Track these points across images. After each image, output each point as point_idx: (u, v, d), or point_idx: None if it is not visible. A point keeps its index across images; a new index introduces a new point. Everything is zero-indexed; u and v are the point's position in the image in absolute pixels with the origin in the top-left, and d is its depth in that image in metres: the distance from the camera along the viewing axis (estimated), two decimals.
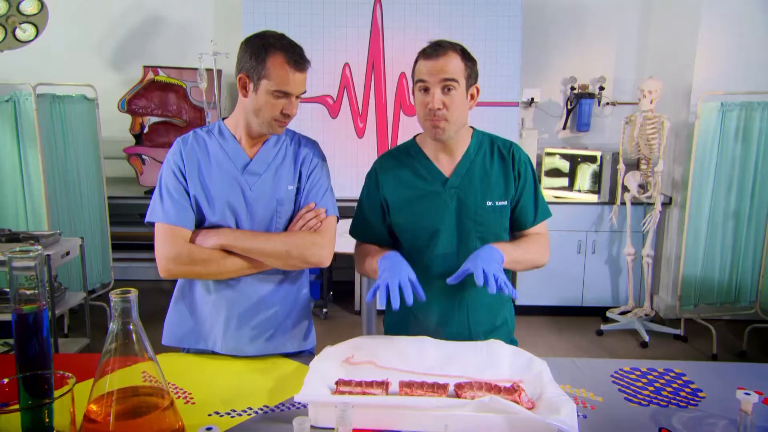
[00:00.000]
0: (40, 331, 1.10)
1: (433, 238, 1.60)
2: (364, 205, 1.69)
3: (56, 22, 3.78)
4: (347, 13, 4.17)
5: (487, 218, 1.59)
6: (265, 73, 1.45)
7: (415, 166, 1.63)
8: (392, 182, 1.63)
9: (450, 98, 1.50)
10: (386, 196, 1.63)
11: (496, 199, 1.59)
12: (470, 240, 1.59)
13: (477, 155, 1.61)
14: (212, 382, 1.43)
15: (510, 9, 4.18)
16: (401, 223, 1.63)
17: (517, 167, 1.61)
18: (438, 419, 1.16)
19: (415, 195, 1.61)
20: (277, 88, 1.45)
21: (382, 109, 4.28)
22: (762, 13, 3.87)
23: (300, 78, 1.48)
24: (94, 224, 4.06)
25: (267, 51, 1.45)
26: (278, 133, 1.54)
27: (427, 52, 1.52)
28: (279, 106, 1.47)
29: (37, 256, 1.09)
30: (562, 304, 4.29)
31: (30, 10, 3.56)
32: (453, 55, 1.50)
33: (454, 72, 1.49)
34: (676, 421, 1.25)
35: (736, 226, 3.82)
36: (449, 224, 1.59)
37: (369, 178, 1.69)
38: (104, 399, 1.02)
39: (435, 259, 1.60)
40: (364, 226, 1.69)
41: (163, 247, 1.48)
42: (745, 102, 3.67)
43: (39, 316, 1.09)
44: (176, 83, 4.41)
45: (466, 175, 1.60)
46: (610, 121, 4.70)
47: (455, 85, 1.49)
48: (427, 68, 1.50)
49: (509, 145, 1.64)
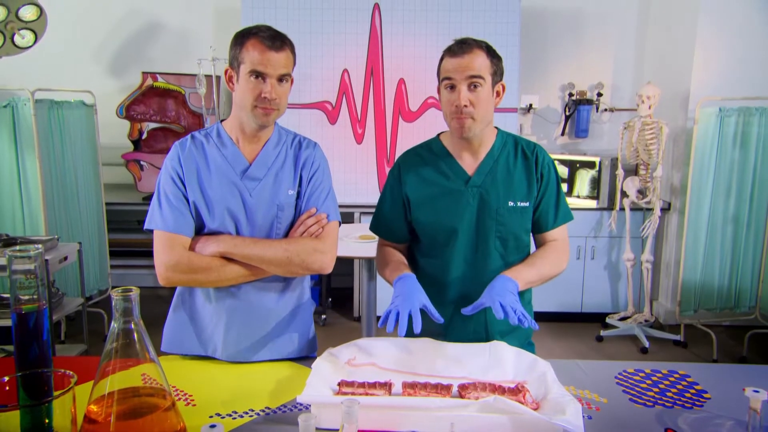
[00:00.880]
0: (40, 331, 1.09)
1: (452, 236, 1.59)
2: (385, 201, 1.68)
3: (55, 28, 3.78)
4: (346, 20, 4.18)
5: (508, 218, 1.58)
6: (242, 58, 1.44)
7: (438, 164, 1.63)
8: (414, 179, 1.63)
9: (476, 95, 1.50)
10: (408, 193, 1.63)
11: (518, 200, 1.59)
12: (490, 239, 1.59)
13: (501, 155, 1.61)
14: (213, 385, 1.41)
15: (508, 15, 4.19)
16: (422, 219, 1.62)
17: (540, 169, 1.61)
18: (442, 420, 1.14)
19: (437, 192, 1.60)
20: (251, 68, 1.43)
21: (381, 115, 4.28)
22: (759, 18, 3.89)
23: (276, 58, 1.43)
24: (92, 230, 4.04)
25: (244, 38, 1.45)
26: (264, 122, 1.49)
27: (453, 50, 1.52)
28: (257, 89, 1.44)
29: (37, 256, 1.08)
30: (561, 309, 4.27)
31: (29, 17, 3.56)
32: (479, 52, 1.50)
33: (480, 69, 1.49)
34: (681, 422, 1.23)
35: (735, 231, 3.82)
36: (470, 222, 1.59)
37: (392, 175, 1.68)
38: (105, 400, 1.00)
39: (454, 257, 1.60)
40: (385, 222, 1.69)
41: (162, 255, 1.45)
42: (742, 107, 3.68)
43: (39, 315, 1.08)
44: (175, 89, 4.41)
45: (489, 174, 1.60)
46: (608, 127, 4.72)
47: (481, 82, 1.49)
48: (453, 65, 1.50)
49: (533, 146, 1.64)
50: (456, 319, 1.60)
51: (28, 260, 1.07)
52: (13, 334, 1.08)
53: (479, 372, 1.38)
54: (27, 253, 1.07)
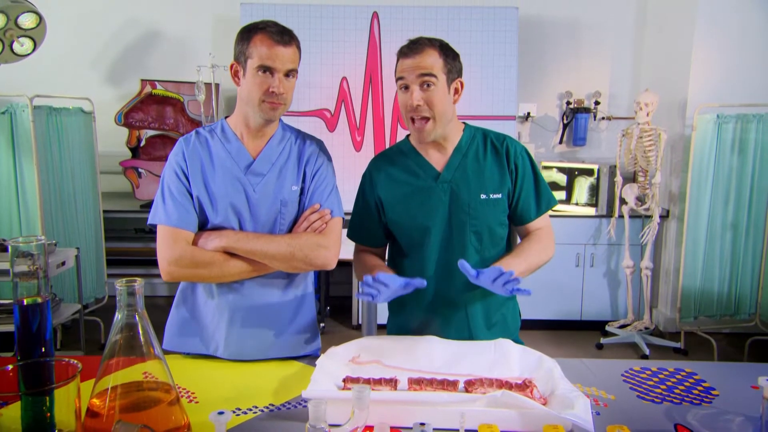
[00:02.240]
0: (43, 324, 1.07)
1: (427, 234, 1.59)
2: (360, 206, 1.69)
3: (54, 35, 3.78)
4: (345, 27, 4.20)
5: (481, 211, 1.57)
6: (249, 53, 1.44)
7: (408, 163, 1.62)
8: (386, 180, 1.63)
9: (429, 94, 1.49)
10: (380, 195, 1.63)
11: (490, 192, 1.57)
12: (465, 234, 1.57)
13: (469, 149, 1.60)
14: (216, 382, 1.39)
15: (506, 24, 4.22)
16: (396, 219, 1.62)
17: (513, 160, 1.59)
18: (450, 415, 1.12)
19: (409, 191, 1.60)
20: (259, 63, 1.43)
21: (380, 123, 4.28)
22: (755, 24, 3.91)
23: (284, 52, 1.44)
24: (89, 238, 4.01)
25: (251, 32, 1.45)
26: (270, 117, 1.48)
27: (404, 51, 1.52)
28: (265, 84, 1.44)
29: (40, 246, 1.06)
30: (560, 317, 4.26)
31: (28, 24, 3.55)
32: (430, 51, 1.50)
33: (432, 67, 1.48)
34: (691, 418, 1.22)
35: (734, 238, 3.82)
36: (443, 219, 1.58)
37: (364, 179, 1.69)
38: (108, 393, 0.98)
39: (430, 254, 1.59)
40: (361, 228, 1.69)
41: (164, 250, 1.45)
42: (740, 114, 3.70)
43: (42, 307, 1.06)
44: (174, 97, 4.41)
45: (458, 168, 1.59)
46: (606, 135, 4.73)
47: (434, 80, 1.48)
48: (405, 66, 1.50)
49: (503, 138, 1.63)
50: (436, 318, 1.60)
51: (29, 258, 1.05)
52: (15, 327, 1.06)
53: (485, 369, 1.36)
54: (29, 243, 1.05)
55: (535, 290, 4.01)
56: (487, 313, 1.63)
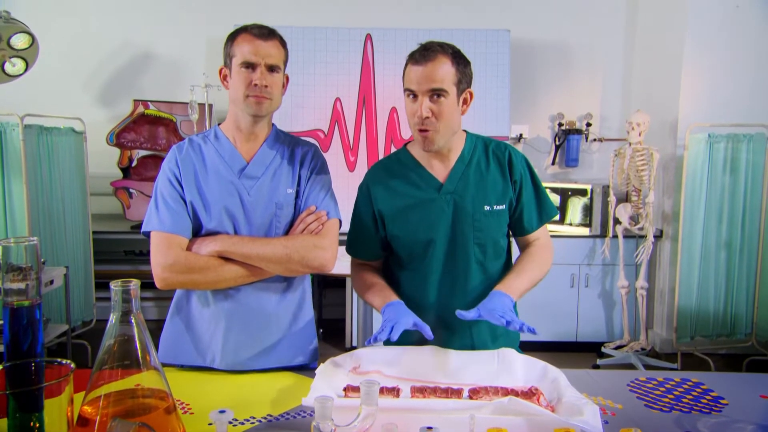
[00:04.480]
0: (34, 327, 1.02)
1: (429, 247, 1.54)
2: (357, 220, 1.63)
3: (46, 55, 3.77)
4: (338, 49, 4.22)
5: (485, 223, 1.53)
6: (233, 52, 1.46)
7: (408, 174, 1.57)
8: (385, 193, 1.58)
9: (439, 106, 1.44)
10: (380, 208, 1.58)
11: (493, 203, 1.54)
12: (468, 246, 1.53)
13: (472, 159, 1.57)
14: (211, 394, 1.35)
15: (498, 47, 4.26)
16: (397, 233, 1.57)
17: (514, 170, 1.56)
18: (456, 422, 1.08)
19: (410, 204, 1.55)
20: (242, 60, 1.44)
21: (373, 143, 4.28)
22: (745, 44, 3.96)
23: (264, 46, 1.44)
24: (78, 259, 3.94)
25: (236, 34, 1.48)
26: (256, 112, 1.47)
27: (416, 57, 1.45)
28: (248, 78, 1.45)
29: (32, 247, 1.03)
30: (556, 339, 4.21)
31: (20, 45, 3.54)
32: (443, 59, 1.44)
33: (443, 80, 1.43)
34: (702, 426, 1.19)
35: (728, 257, 3.82)
36: (446, 231, 1.53)
37: (360, 192, 1.64)
38: (100, 401, 0.94)
39: (432, 268, 1.55)
40: (359, 242, 1.64)
41: (158, 256, 1.42)
42: (731, 134, 3.73)
43: (32, 310, 1.02)
44: (166, 117, 4.39)
45: (461, 179, 1.55)
46: (598, 156, 4.75)
47: (444, 93, 1.43)
48: (415, 75, 1.44)
49: (504, 147, 1.59)
50: (439, 331, 1.55)
51: (20, 272, 1.01)
52: (5, 330, 1.02)
53: (489, 379, 1.33)
54: (20, 244, 1.01)
55: (530, 312, 4.04)
56: (492, 325, 1.59)
